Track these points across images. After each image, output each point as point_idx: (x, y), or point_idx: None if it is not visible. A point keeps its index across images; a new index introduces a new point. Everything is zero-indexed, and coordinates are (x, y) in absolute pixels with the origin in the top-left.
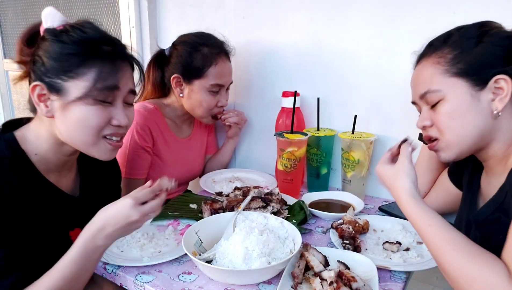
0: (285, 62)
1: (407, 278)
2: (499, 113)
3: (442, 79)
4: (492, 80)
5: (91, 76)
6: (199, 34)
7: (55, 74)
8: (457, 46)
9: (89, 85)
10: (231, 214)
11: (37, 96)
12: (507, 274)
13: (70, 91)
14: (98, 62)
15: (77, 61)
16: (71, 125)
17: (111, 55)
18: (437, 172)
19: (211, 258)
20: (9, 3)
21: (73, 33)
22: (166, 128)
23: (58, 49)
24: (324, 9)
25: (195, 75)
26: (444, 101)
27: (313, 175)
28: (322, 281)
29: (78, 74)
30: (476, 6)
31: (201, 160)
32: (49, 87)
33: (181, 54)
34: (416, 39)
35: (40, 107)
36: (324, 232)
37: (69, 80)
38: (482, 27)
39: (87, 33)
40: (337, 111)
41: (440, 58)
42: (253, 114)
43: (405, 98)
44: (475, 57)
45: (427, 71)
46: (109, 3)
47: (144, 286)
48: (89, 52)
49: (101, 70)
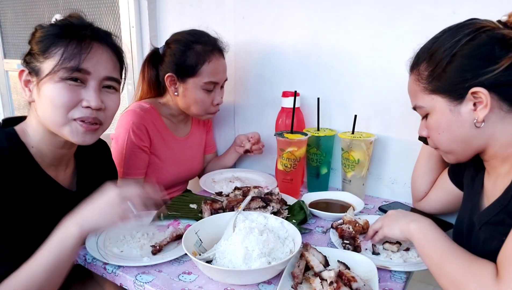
0: (285, 62)
1: (407, 278)
2: (482, 123)
3: (423, 96)
4: (469, 92)
5: (59, 55)
6: (192, 32)
7: (35, 57)
8: (432, 62)
9: (55, 63)
10: (231, 214)
11: (24, 82)
12: (493, 277)
13: (44, 71)
14: (65, 41)
15: (49, 41)
16: (43, 105)
17: (78, 35)
18: (437, 172)
19: (211, 258)
20: (9, 3)
21: (57, 21)
22: (164, 127)
23: (39, 34)
24: (324, 9)
25: (188, 73)
26: (429, 116)
27: (313, 175)
28: (322, 281)
29: (49, 53)
30: (476, 6)
31: (200, 159)
32: (31, 70)
33: (174, 53)
34: (416, 39)
35: (26, 92)
36: (324, 232)
37: (44, 61)
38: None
39: (67, 19)
40: (337, 111)
41: (419, 75)
42: (253, 114)
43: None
44: (448, 73)
45: (412, 86)
46: (109, 3)
47: (144, 286)
48: (60, 33)
49: (66, 49)
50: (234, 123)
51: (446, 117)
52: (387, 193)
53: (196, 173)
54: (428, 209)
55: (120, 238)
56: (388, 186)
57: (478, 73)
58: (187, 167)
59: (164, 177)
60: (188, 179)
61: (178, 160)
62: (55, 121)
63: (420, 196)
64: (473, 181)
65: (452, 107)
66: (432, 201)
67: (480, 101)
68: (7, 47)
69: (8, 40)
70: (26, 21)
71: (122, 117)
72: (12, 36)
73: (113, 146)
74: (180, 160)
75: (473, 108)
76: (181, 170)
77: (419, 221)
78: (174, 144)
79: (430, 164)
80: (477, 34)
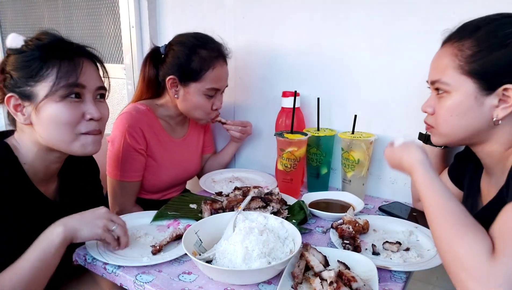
0: (285, 62)
1: (407, 278)
2: (499, 121)
3: (454, 73)
4: (502, 88)
5: (53, 75)
6: (197, 36)
7: (23, 82)
8: (479, 43)
9: (51, 84)
10: (231, 214)
11: (13, 107)
12: (489, 253)
13: (38, 93)
14: (56, 61)
15: (38, 65)
16: (46, 126)
17: (68, 53)
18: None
19: (211, 258)
20: (9, 3)
21: (31, 43)
22: (160, 129)
23: (19, 59)
24: (324, 9)
25: (191, 78)
26: (449, 95)
27: (313, 175)
28: (322, 281)
29: (42, 76)
30: (476, 6)
31: (198, 160)
32: (21, 95)
33: (178, 55)
34: (416, 39)
35: (18, 117)
36: (324, 232)
37: (36, 84)
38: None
39: (43, 40)
40: (337, 111)
41: (460, 51)
42: (253, 114)
43: (405, 98)
44: (492, 62)
45: (444, 60)
46: (109, 3)
47: (144, 286)
48: (47, 55)
49: (60, 68)
50: None
51: (468, 102)
52: (387, 193)
53: (194, 174)
54: None
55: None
56: (388, 186)
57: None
58: (185, 168)
59: (161, 179)
60: (186, 180)
61: (175, 162)
62: (63, 139)
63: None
64: (472, 181)
65: (479, 96)
66: None
67: (505, 100)
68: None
69: None
70: (26, 21)
71: (118, 120)
72: None
73: (109, 149)
74: (178, 162)
75: (496, 105)
76: (179, 171)
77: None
78: (171, 146)
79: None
80: None
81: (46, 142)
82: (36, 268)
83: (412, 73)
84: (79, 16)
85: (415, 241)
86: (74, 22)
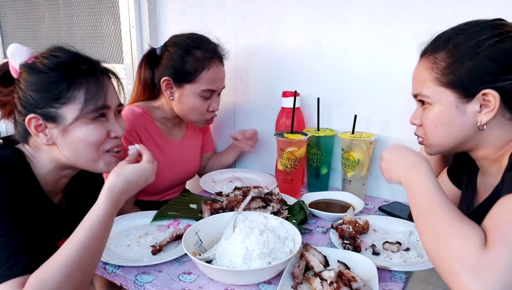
0: (285, 62)
1: (407, 278)
2: (484, 126)
3: (432, 86)
4: (480, 93)
5: (81, 97)
6: (192, 36)
7: (46, 104)
8: (452, 54)
9: (81, 106)
10: (231, 214)
11: (35, 128)
12: (482, 243)
13: (66, 116)
14: (83, 82)
15: (65, 87)
16: (75, 147)
17: (91, 72)
18: (436, 172)
19: (211, 258)
20: (9, 3)
21: (48, 61)
22: (157, 131)
23: (40, 80)
24: (324, 9)
25: (186, 79)
26: (431, 107)
27: (313, 175)
28: (322, 281)
29: (68, 98)
30: (476, 6)
31: (197, 160)
32: (45, 117)
33: (172, 57)
34: (416, 39)
35: (40, 137)
36: (324, 232)
37: (62, 106)
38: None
39: (61, 57)
40: (337, 111)
41: (435, 64)
42: (253, 114)
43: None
44: (467, 71)
45: (422, 73)
46: (109, 3)
47: (144, 286)
48: (71, 75)
49: (88, 89)
50: (234, 123)
51: (450, 112)
52: (387, 193)
53: (193, 174)
54: None
55: (120, 238)
56: (388, 186)
57: (497, 79)
58: (184, 169)
59: (160, 182)
60: (185, 181)
61: (174, 164)
62: (90, 158)
63: None
64: (469, 181)
65: (459, 104)
66: None
67: (486, 104)
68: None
69: (8, 40)
70: (26, 21)
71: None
72: (12, 36)
73: None
74: (176, 164)
75: (479, 110)
76: (178, 173)
77: (416, 170)
78: (168, 148)
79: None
80: (504, 38)
81: (72, 161)
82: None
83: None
84: (79, 16)
85: (415, 241)
86: (75, 22)
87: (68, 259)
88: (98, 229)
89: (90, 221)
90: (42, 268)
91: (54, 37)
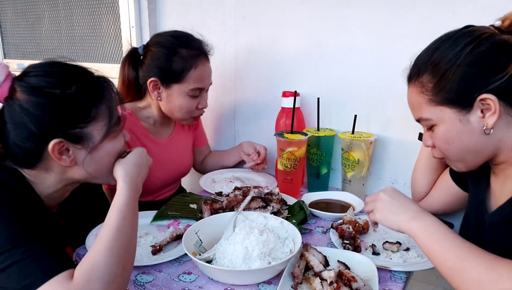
0: (285, 62)
1: (407, 278)
2: (491, 130)
3: (429, 108)
4: (477, 100)
5: (105, 113)
6: (176, 35)
7: (71, 126)
8: (436, 74)
9: (107, 121)
10: (231, 214)
11: (58, 152)
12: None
13: (93, 134)
14: (101, 97)
15: (89, 108)
16: (100, 162)
17: (101, 87)
18: (437, 172)
19: (211, 258)
20: (9, 3)
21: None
22: (144, 132)
23: (61, 104)
24: (324, 9)
25: (173, 79)
26: (436, 127)
27: (313, 175)
28: (322, 281)
29: (92, 117)
30: (476, 6)
31: (188, 157)
32: (70, 139)
33: (157, 57)
34: (416, 39)
35: (63, 160)
36: (324, 232)
37: (88, 125)
38: (457, 44)
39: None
40: (337, 111)
41: (423, 87)
42: (253, 114)
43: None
44: (455, 83)
45: (416, 99)
46: (109, 3)
47: (144, 286)
48: (92, 96)
49: (108, 103)
50: (234, 123)
51: (455, 127)
52: None
53: (186, 171)
54: (429, 209)
55: None
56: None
57: (487, 82)
58: (175, 167)
59: (151, 182)
60: (179, 178)
61: (164, 163)
62: (108, 170)
63: (421, 196)
64: (477, 182)
65: (462, 117)
66: (433, 201)
67: (487, 108)
68: (7, 47)
69: (8, 40)
70: (26, 21)
71: None
72: (12, 36)
73: None
74: (166, 163)
75: (481, 116)
76: (169, 171)
77: (421, 219)
78: (156, 148)
79: (431, 164)
80: (479, 42)
81: (92, 177)
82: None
83: None
84: (79, 16)
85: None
86: (74, 22)
87: (108, 241)
88: (126, 211)
89: (117, 206)
90: (86, 258)
91: (54, 36)
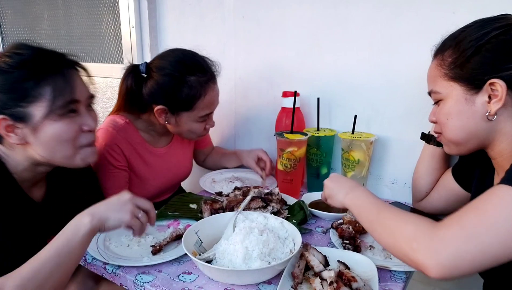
0: (285, 62)
1: (407, 278)
2: (494, 116)
3: (442, 82)
4: (487, 83)
5: (48, 94)
6: (182, 60)
7: (13, 104)
8: (457, 50)
9: (49, 103)
10: (231, 214)
11: (5, 128)
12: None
13: (34, 114)
14: (49, 78)
15: (30, 85)
16: (47, 145)
17: (57, 67)
18: (439, 172)
19: (211, 258)
20: (8, 2)
21: (11, 60)
22: (141, 141)
23: (5, 80)
24: (324, 8)
25: (183, 108)
26: (443, 102)
27: (313, 175)
28: (322, 281)
29: (35, 96)
30: (476, 6)
31: (187, 163)
32: (13, 117)
33: (164, 86)
34: (416, 39)
35: (11, 138)
36: (324, 232)
37: (29, 105)
38: (483, 28)
39: (24, 54)
40: (337, 111)
41: (442, 61)
42: (253, 114)
43: (405, 98)
44: (471, 63)
45: (433, 71)
46: (109, 3)
47: (144, 286)
48: (36, 72)
49: (55, 85)
50: (234, 122)
51: (460, 105)
52: (387, 193)
53: (185, 177)
54: (429, 209)
55: (120, 238)
56: (388, 186)
57: (501, 68)
58: (173, 175)
59: (148, 191)
60: (178, 183)
61: (161, 172)
62: (66, 155)
63: (422, 196)
64: (481, 182)
65: (468, 96)
66: (434, 201)
67: (495, 94)
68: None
69: (8, 40)
70: (26, 21)
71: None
72: (12, 36)
73: None
74: (164, 171)
75: (488, 100)
76: (167, 179)
77: (353, 192)
78: (154, 158)
79: (433, 164)
80: (507, 30)
81: (47, 159)
82: (60, 257)
83: (412, 73)
84: (79, 16)
85: None
86: (74, 22)
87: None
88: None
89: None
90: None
91: (53, 36)
